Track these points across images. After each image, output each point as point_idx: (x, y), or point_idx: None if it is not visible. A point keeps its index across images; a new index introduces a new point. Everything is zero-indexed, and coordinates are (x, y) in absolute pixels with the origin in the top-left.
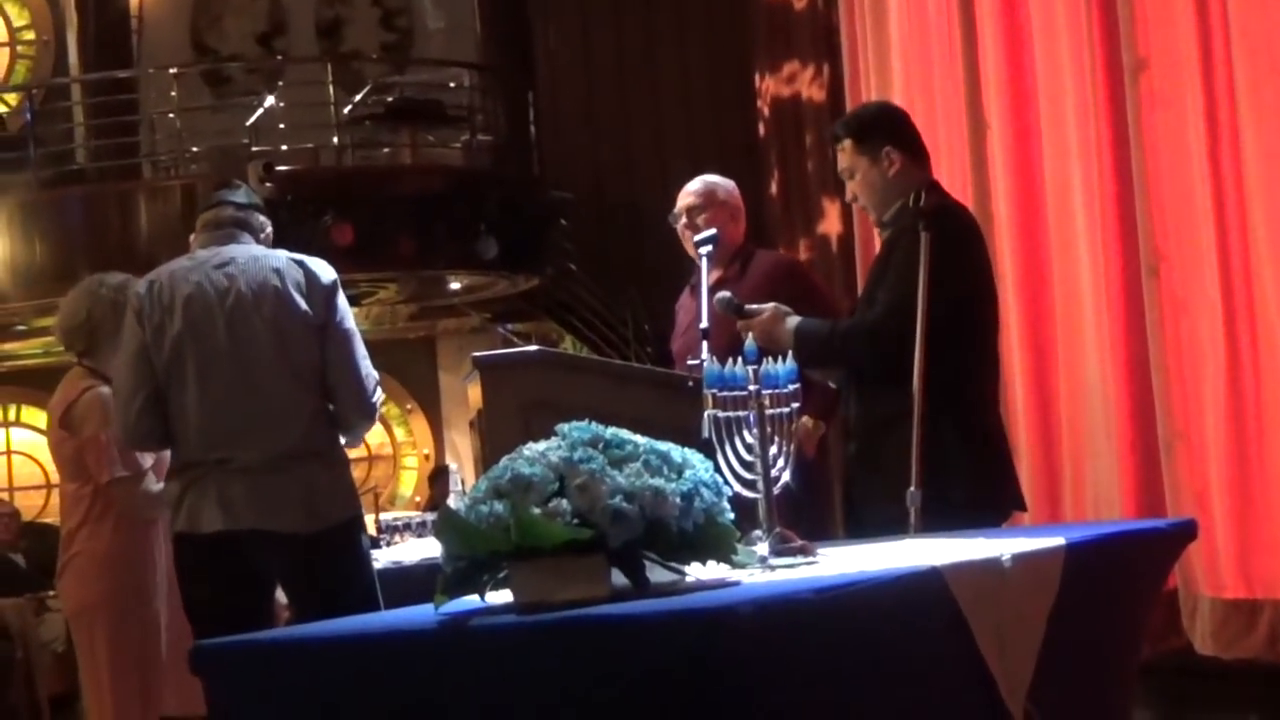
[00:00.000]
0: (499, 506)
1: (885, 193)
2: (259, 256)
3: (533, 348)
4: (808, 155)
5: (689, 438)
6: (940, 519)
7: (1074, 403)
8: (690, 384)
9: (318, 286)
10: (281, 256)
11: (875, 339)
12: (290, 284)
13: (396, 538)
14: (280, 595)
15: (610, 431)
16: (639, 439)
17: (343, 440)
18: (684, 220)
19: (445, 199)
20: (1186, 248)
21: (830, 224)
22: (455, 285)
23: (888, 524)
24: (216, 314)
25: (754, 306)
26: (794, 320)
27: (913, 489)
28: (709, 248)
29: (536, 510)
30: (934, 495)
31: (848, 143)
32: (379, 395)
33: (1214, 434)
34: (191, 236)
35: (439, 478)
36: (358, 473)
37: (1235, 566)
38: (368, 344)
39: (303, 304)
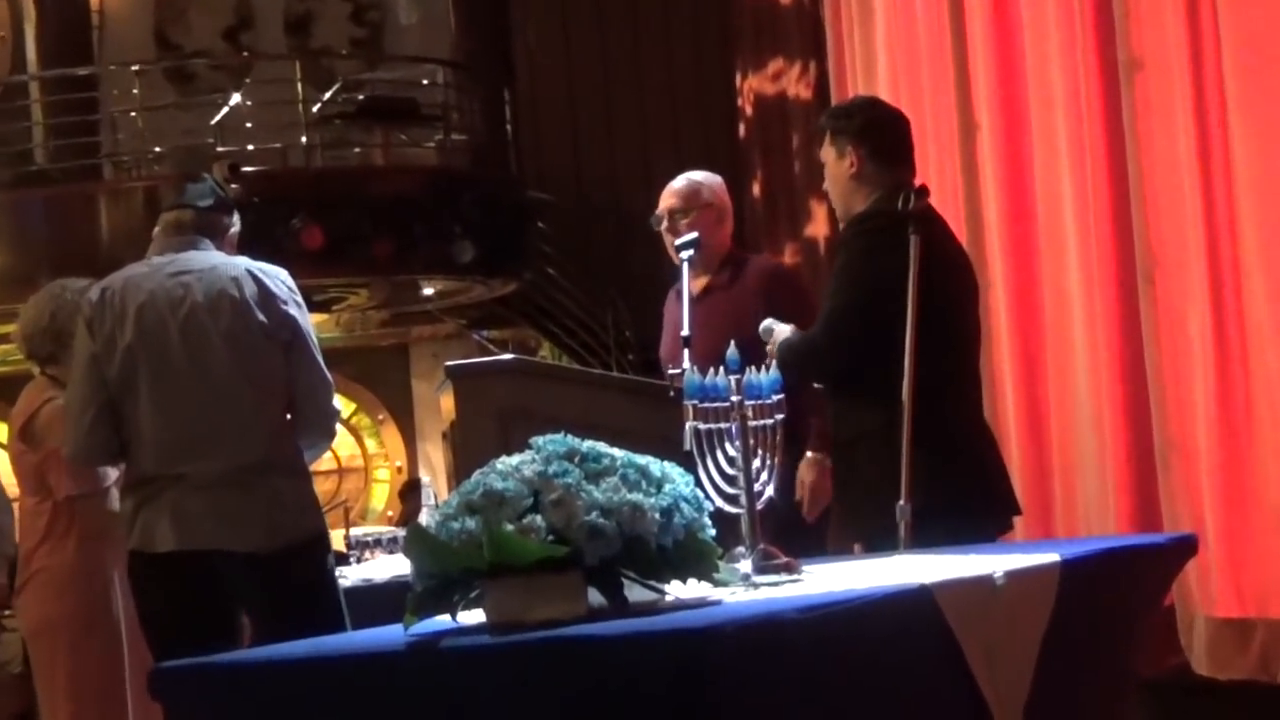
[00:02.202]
0: (471, 522)
1: (844, 192)
2: (217, 265)
3: (508, 356)
4: (794, 155)
5: (672, 448)
6: (924, 533)
7: (1065, 413)
8: (671, 394)
9: (277, 297)
10: (240, 265)
11: (808, 355)
12: (248, 294)
13: (367, 554)
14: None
15: (587, 444)
16: (617, 452)
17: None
18: (665, 223)
19: (419, 201)
20: (1182, 254)
21: (817, 226)
22: (429, 290)
23: (872, 541)
24: (170, 324)
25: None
26: (784, 329)
27: (901, 503)
28: (690, 252)
29: (510, 526)
30: (916, 510)
31: (827, 132)
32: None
33: (1206, 446)
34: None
35: (410, 492)
36: (327, 485)
37: (1229, 583)
38: (338, 352)
39: (260, 314)
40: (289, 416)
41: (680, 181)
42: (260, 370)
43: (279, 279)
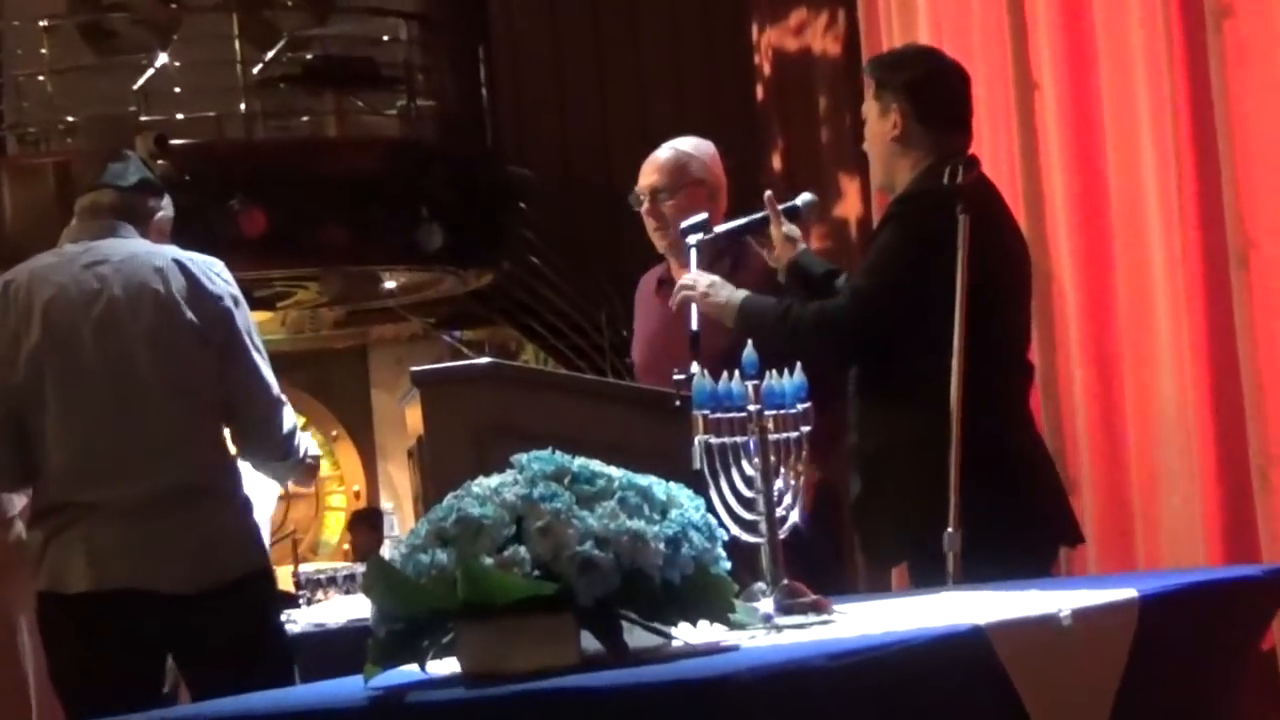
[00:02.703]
0: (442, 555)
1: (885, 156)
2: (138, 254)
3: (486, 360)
4: (820, 122)
5: (680, 467)
6: (974, 565)
7: (1145, 423)
8: (678, 403)
9: (209, 291)
10: (166, 254)
11: (826, 328)
12: (175, 288)
13: (319, 594)
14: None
15: (578, 463)
16: (614, 471)
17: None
18: (646, 203)
19: (378, 178)
20: None
21: (849, 205)
22: (391, 284)
23: (912, 574)
24: (82, 323)
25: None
26: (740, 295)
27: (950, 530)
28: (698, 236)
29: (488, 560)
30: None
31: (871, 83)
32: (300, 438)
33: None
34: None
35: (361, 522)
36: (273, 514)
37: None
38: (284, 357)
39: (189, 312)
40: (226, 432)
41: (664, 153)
42: (188, 377)
43: (211, 271)
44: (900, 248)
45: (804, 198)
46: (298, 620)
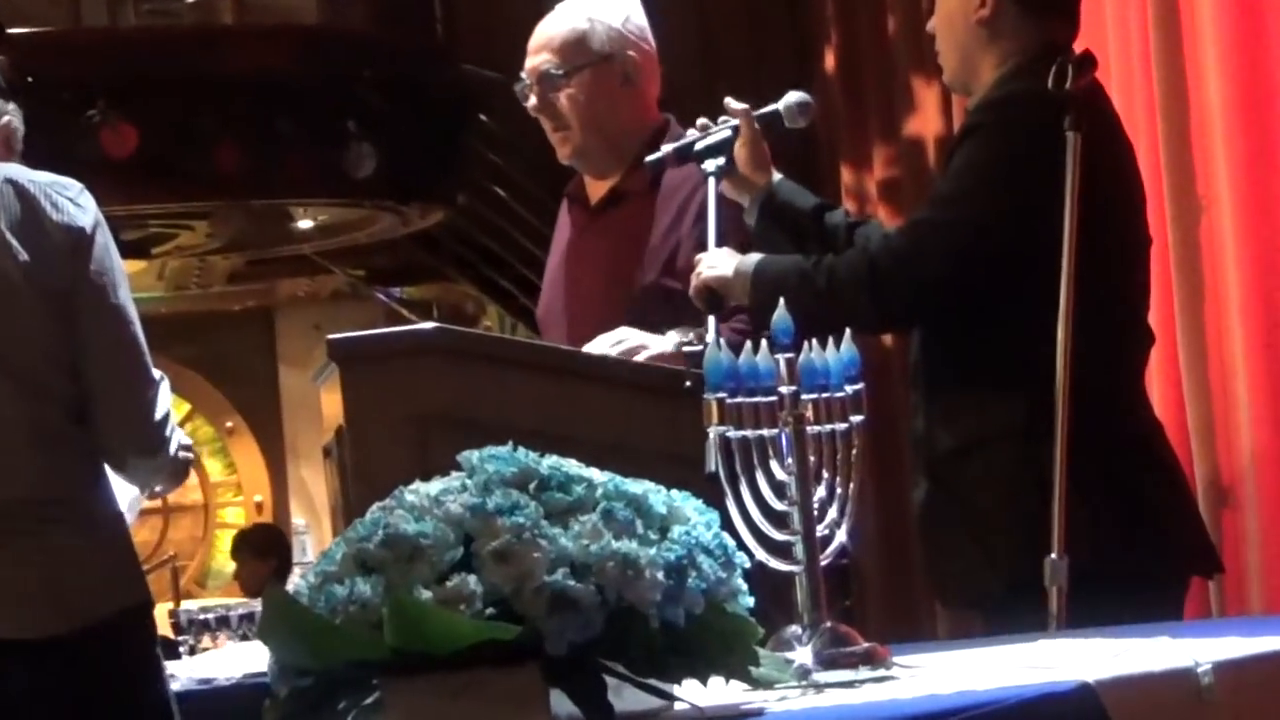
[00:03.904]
0: (364, 586)
1: (963, 49)
2: None
3: (431, 325)
4: (887, 8)
5: (686, 470)
6: (1083, 601)
7: None
8: (687, 384)
9: (56, 222)
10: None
11: (878, 281)
12: (7, 222)
13: (206, 640)
14: None
15: (548, 463)
16: (596, 475)
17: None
18: (534, 96)
19: (289, 81)
20: None
21: (925, 120)
22: (306, 224)
23: (997, 613)
24: None
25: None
26: (752, 259)
27: (1053, 556)
28: (717, 162)
29: (426, 593)
30: (1076, 565)
31: None
32: (177, 432)
33: None
34: None
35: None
36: (146, 533)
37: None
38: (161, 321)
39: (23, 253)
40: (82, 425)
41: (553, 21)
42: (22, 347)
43: (61, 193)
44: (986, 170)
45: (790, 98)
46: (178, 674)
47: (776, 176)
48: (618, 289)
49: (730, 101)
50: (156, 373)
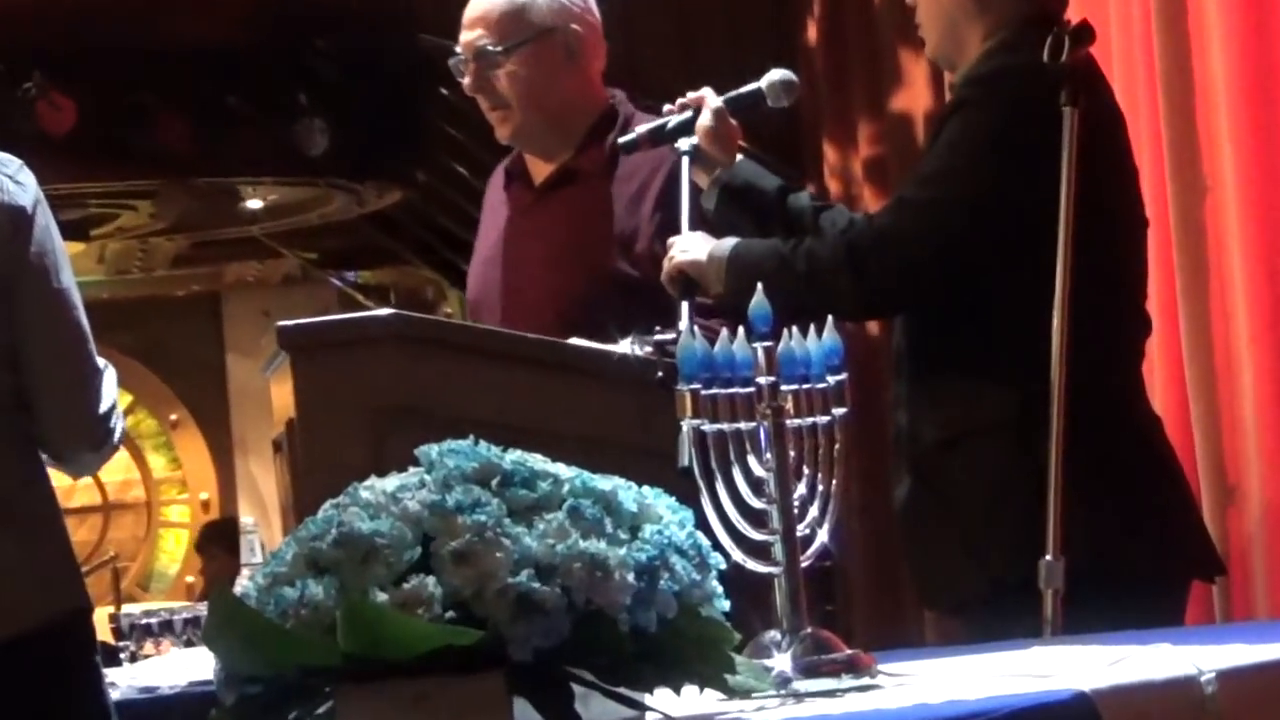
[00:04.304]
0: (316, 588)
1: (947, 15)
2: None
3: (388, 312)
4: None
5: (660, 465)
6: (1079, 606)
7: None
8: (659, 375)
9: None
10: None
11: (860, 262)
12: None
13: (149, 646)
14: None
15: (512, 457)
16: (562, 470)
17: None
18: (470, 74)
19: (237, 50)
20: None
21: (914, 95)
22: (255, 204)
23: (988, 618)
24: None
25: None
26: (728, 244)
27: (1049, 557)
28: (691, 141)
29: (382, 595)
30: (1072, 567)
31: None
32: (118, 419)
33: None
34: None
35: (216, 540)
36: (85, 533)
37: None
38: (102, 306)
39: None
40: (21, 418)
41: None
42: None
43: (1, 173)
44: (976, 146)
45: (774, 76)
46: (118, 682)
47: (737, 157)
48: (563, 272)
49: (709, 93)
50: (101, 361)
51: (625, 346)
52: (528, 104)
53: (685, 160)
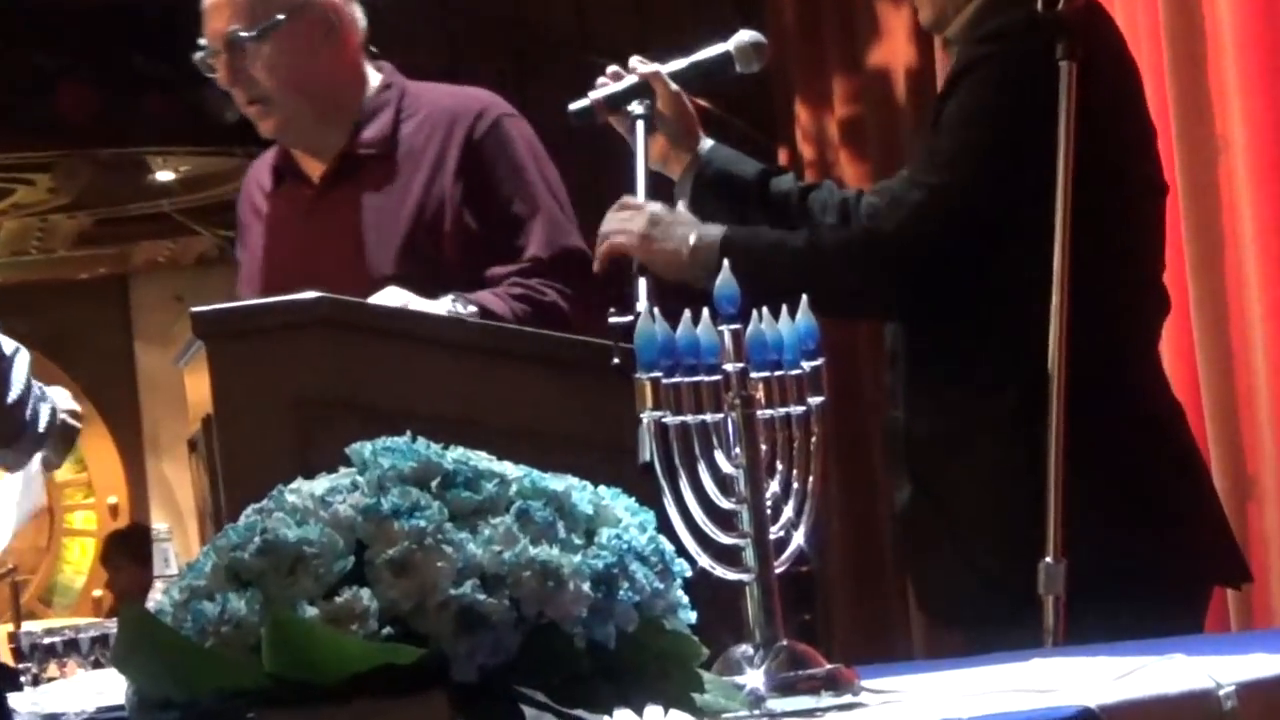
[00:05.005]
0: (238, 603)
1: None
2: None
3: (313, 294)
4: None
5: (618, 461)
6: (1085, 614)
7: None
8: (615, 361)
9: None
10: None
11: (875, 248)
12: None
13: (53, 668)
14: None
15: (454, 455)
16: (509, 469)
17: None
18: (223, 67)
19: (144, 9)
20: None
21: (893, 49)
22: (166, 175)
23: (985, 627)
24: None
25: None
26: (713, 230)
27: (1049, 559)
28: (645, 104)
29: (311, 609)
30: (1076, 572)
31: None
32: (45, 404)
33: None
34: None
35: (122, 550)
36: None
37: None
38: None
39: None
40: None
41: None
42: None
43: None
44: (997, 116)
45: (742, 38)
46: (18, 708)
47: (707, 143)
48: (366, 267)
49: (636, 62)
50: (9, 344)
51: (445, 305)
52: (291, 91)
53: (641, 125)
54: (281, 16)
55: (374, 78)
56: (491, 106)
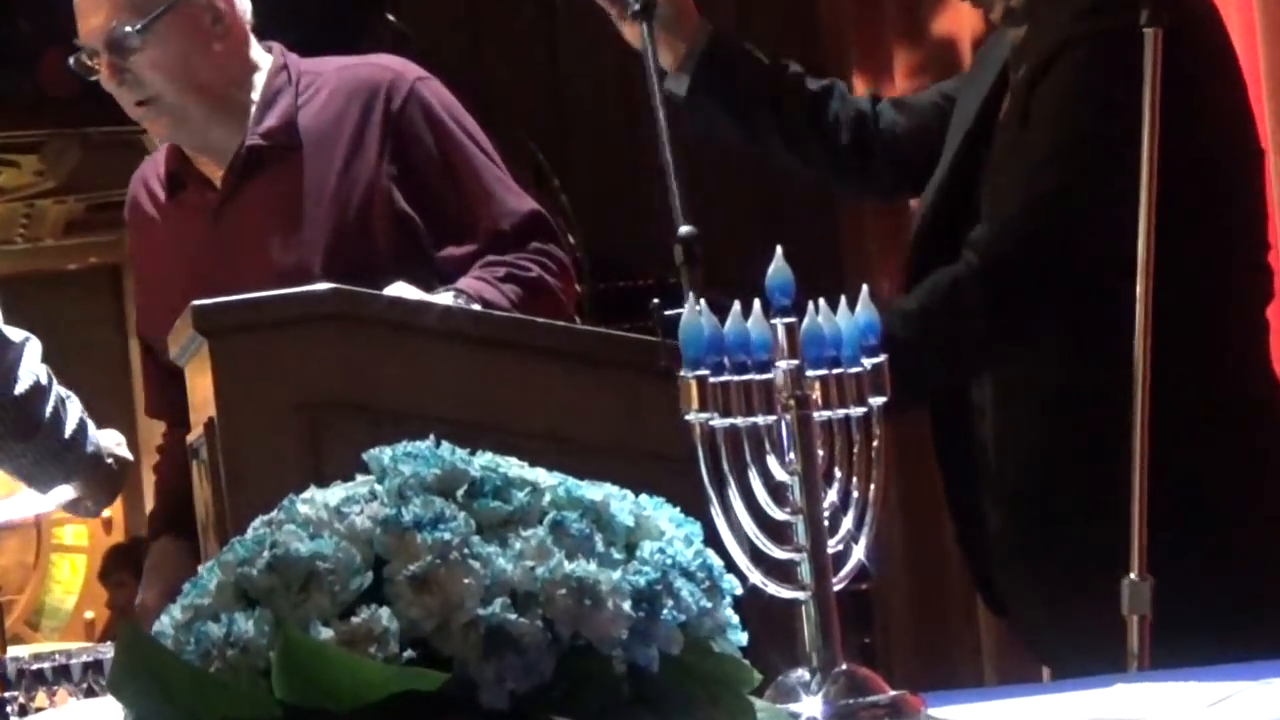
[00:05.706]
0: (245, 623)
1: None
2: None
3: (327, 286)
4: None
5: (661, 470)
6: (1178, 637)
7: None
8: (663, 364)
9: None
10: None
11: (994, 283)
12: None
13: (41, 696)
14: None
15: (481, 461)
16: (542, 476)
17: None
18: (107, 67)
19: None
20: None
21: (957, 17)
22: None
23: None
24: None
25: None
26: None
27: (1133, 576)
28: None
29: (326, 631)
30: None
31: None
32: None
33: None
34: None
35: (123, 565)
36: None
37: None
38: None
39: None
40: None
41: None
42: None
43: None
44: (1106, 100)
45: None
46: None
47: (709, 27)
48: (292, 269)
49: None
50: (17, 333)
51: (445, 298)
52: (183, 88)
53: (644, 27)
54: (164, 8)
55: (264, 61)
56: (403, 73)
